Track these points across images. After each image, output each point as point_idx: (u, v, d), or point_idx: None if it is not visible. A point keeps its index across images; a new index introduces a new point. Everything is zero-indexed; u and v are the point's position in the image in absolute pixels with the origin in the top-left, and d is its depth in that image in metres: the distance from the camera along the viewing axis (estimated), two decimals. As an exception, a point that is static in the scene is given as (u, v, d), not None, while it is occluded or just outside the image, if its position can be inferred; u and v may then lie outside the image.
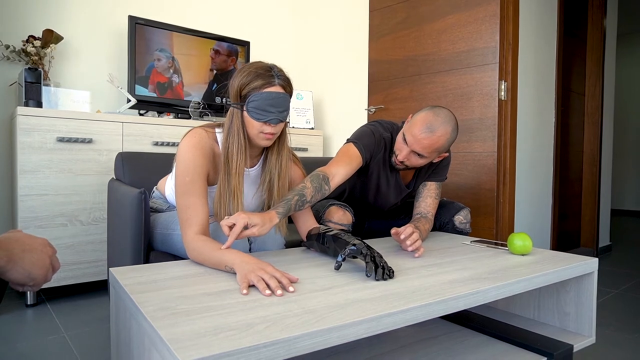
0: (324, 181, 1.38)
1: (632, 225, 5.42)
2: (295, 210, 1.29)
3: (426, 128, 1.44)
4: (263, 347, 0.66)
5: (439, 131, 1.44)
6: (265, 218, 1.17)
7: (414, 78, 2.58)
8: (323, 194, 1.37)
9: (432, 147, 1.46)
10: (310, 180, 1.35)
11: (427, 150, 1.47)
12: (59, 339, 1.67)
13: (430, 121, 1.44)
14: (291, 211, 1.28)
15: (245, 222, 1.11)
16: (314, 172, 1.41)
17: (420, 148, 1.46)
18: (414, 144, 1.47)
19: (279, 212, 1.23)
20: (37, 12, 2.40)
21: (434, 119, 1.45)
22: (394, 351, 1.14)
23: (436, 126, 1.44)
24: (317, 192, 1.35)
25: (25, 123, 1.98)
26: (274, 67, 1.25)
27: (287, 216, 1.28)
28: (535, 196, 2.69)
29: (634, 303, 2.21)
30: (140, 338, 0.80)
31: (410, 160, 1.53)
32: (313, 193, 1.33)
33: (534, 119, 2.66)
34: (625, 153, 6.49)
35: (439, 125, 1.44)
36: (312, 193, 1.33)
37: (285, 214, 1.25)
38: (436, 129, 1.44)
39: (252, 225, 1.13)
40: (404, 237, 1.28)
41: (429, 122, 1.44)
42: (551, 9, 2.78)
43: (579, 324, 1.29)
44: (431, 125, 1.44)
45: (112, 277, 1.04)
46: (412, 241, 1.26)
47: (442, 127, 1.45)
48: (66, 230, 2.09)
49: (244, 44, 2.90)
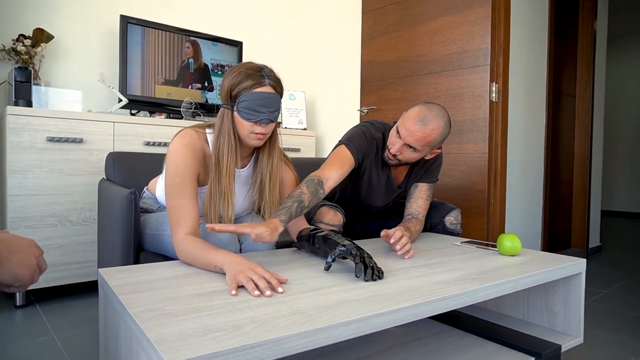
0: (319, 185, 1.39)
1: (622, 226, 5.48)
2: (296, 216, 1.29)
3: (419, 121, 1.46)
4: (250, 347, 0.66)
5: (432, 124, 1.46)
6: (270, 226, 1.15)
7: (406, 79, 2.59)
8: (319, 198, 1.38)
9: (425, 140, 1.47)
10: (306, 186, 1.36)
11: (420, 143, 1.47)
12: (48, 340, 1.66)
13: (424, 115, 1.46)
14: (292, 218, 1.28)
15: (249, 232, 1.09)
16: (308, 176, 1.41)
17: (413, 141, 1.47)
18: (407, 136, 1.47)
19: (282, 220, 1.22)
20: (27, 10, 2.38)
21: (428, 113, 1.47)
22: (383, 352, 1.15)
23: (429, 119, 1.46)
24: (313, 197, 1.35)
25: (14, 123, 1.96)
26: (265, 68, 1.25)
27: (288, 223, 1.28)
28: (526, 197, 2.71)
29: (623, 303, 2.23)
30: (128, 339, 0.80)
31: (403, 154, 1.53)
32: (310, 198, 1.34)
33: (525, 120, 2.68)
34: (616, 154, 6.56)
35: (432, 119, 1.46)
36: (310, 198, 1.34)
37: (288, 222, 1.25)
38: (429, 122, 1.45)
39: (258, 233, 1.11)
40: (393, 241, 1.28)
41: (423, 116, 1.46)
42: (542, 11, 2.80)
43: (567, 324, 1.30)
44: (425, 118, 1.46)
45: (101, 277, 1.03)
46: (401, 245, 1.27)
47: (435, 120, 1.46)
48: (56, 230, 2.08)
49: (237, 44, 2.90)
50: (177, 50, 2.64)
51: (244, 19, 3.22)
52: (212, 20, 3.06)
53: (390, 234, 1.29)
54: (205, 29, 3.01)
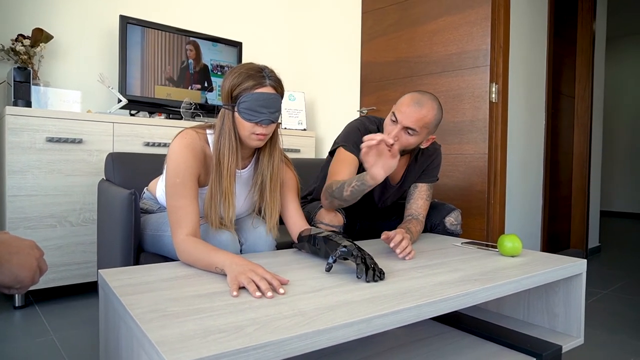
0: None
1: (621, 226, 5.48)
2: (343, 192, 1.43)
3: (415, 103, 1.50)
4: (252, 349, 0.65)
5: (427, 105, 1.50)
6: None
7: (406, 80, 2.59)
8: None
9: (422, 120, 1.49)
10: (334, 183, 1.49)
11: (418, 124, 1.49)
12: (47, 341, 1.65)
13: (418, 98, 1.51)
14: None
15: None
16: (325, 185, 1.52)
17: (411, 122, 1.49)
18: (404, 119, 1.49)
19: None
20: (26, 10, 2.38)
21: (421, 97, 1.52)
22: (385, 353, 1.14)
23: (424, 102, 1.50)
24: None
25: (13, 123, 1.95)
26: (265, 68, 1.25)
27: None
28: (525, 198, 2.71)
29: (622, 304, 2.24)
30: (129, 340, 0.80)
31: (400, 140, 1.53)
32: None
33: (525, 121, 2.68)
34: (615, 155, 6.56)
35: (426, 101, 1.51)
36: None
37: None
38: (424, 104, 1.50)
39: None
40: (393, 244, 1.28)
41: (417, 99, 1.51)
42: (541, 12, 2.80)
43: (567, 325, 1.30)
44: (419, 101, 1.50)
45: (101, 278, 1.03)
46: (401, 249, 1.27)
47: (429, 102, 1.51)
48: (56, 231, 2.07)
49: (237, 45, 2.90)
50: (176, 50, 2.64)
51: (244, 20, 3.22)
52: (211, 20, 3.05)
53: (391, 237, 1.29)
54: (204, 29, 3.01)
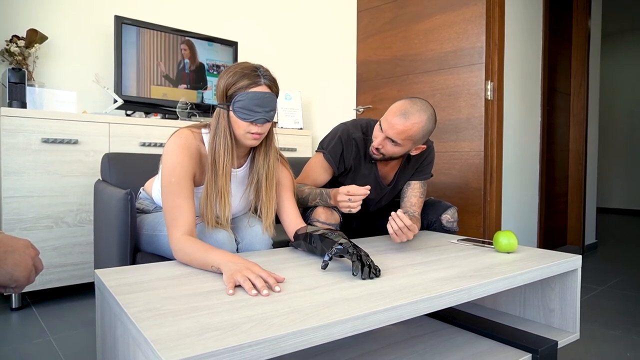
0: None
1: (618, 222, 5.50)
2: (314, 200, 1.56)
3: (401, 114, 1.46)
4: (248, 346, 0.66)
5: (413, 118, 1.45)
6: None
7: (402, 78, 2.59)
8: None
9: (406, 133, 1.46)
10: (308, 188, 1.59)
11: (401, 136, 1.47)
12: (44, 342, 1.65)
13: (406, 108, 1.46)
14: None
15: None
16: (297, 185, 1.61)
17: (394, 134, 1.47)
18: (388, 129, 1.48)
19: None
20: (21, 11, 2.37)
21: (410, 107, 1.47)
22: (381, 349, 1.15)
23: (411, 113, 1.46)
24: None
25: (8, 124, 1.95)
26: (260, 67, 1.25)
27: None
28: (522, 194, 2.72)
29: (619, 299, 2.25)
30: (125, 339, 0.80)
31: (385, 148, 1.53)
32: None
33: (520, 118, 2.69)
34: (611, 151, 6.59)
35: (414, 113, 1.46)
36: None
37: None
38: (410, 116, 1.45)
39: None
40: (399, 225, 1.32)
41: (404, 109, 1.46)
42: (537, 9, 2.81)
43: (563, 321, 1.31)
44: (406, 112, 1.46)
45: (97, 278, 1.03)
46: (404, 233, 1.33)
47: (417, 114, 1.46)
48: (52, 232, 2.07)
49: (232, 44, 2.89)
50: (172, 50, 2.64)
51: (239, 19, 3.21)
52: (207, 20, 3.05)
53: (401, 217, 1.32)
54: (200, 29, 3.01)
